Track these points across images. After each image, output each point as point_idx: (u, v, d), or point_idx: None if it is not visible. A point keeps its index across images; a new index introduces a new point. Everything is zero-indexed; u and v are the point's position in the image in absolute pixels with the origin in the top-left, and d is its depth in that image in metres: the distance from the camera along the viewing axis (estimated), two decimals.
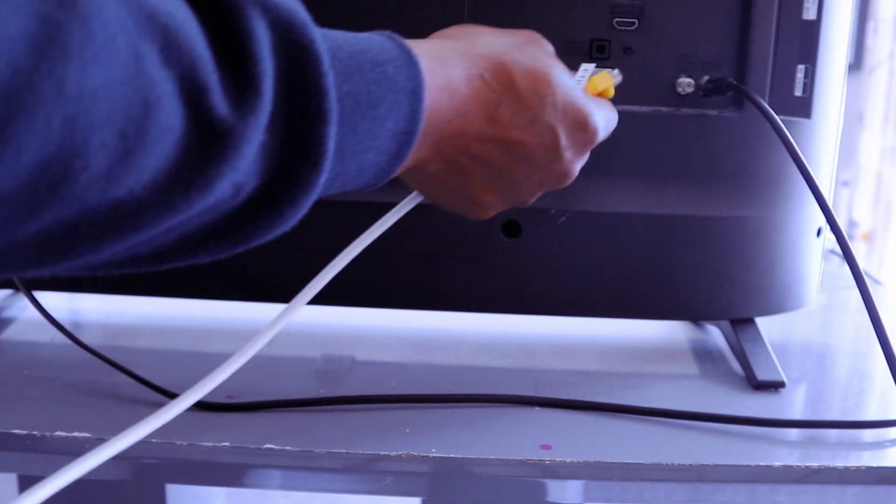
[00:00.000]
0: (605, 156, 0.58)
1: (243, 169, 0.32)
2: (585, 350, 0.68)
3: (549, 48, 0.47)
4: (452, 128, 0.42)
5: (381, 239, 0.60)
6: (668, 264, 0.60)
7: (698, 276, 0.61)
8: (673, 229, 0.60)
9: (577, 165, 0.48)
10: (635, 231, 0.60)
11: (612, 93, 0.51)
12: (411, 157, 0.41)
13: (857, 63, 3.26)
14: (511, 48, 0.44)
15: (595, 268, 0.61)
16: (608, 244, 0.60)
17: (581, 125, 0.45)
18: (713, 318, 0.67)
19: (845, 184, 3.15)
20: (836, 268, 0.96)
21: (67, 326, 0.58)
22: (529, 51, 0.45)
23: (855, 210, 3.16)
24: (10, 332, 0.67)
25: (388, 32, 0.41)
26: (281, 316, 0.43)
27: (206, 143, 0.30)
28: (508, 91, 0.43)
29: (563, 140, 0.45)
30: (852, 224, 3.14)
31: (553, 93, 0.44)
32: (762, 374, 0.59)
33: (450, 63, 0.42)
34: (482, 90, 0.42)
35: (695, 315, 0.66)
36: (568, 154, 0.46)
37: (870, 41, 3.15)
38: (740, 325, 0.64)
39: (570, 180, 0.48)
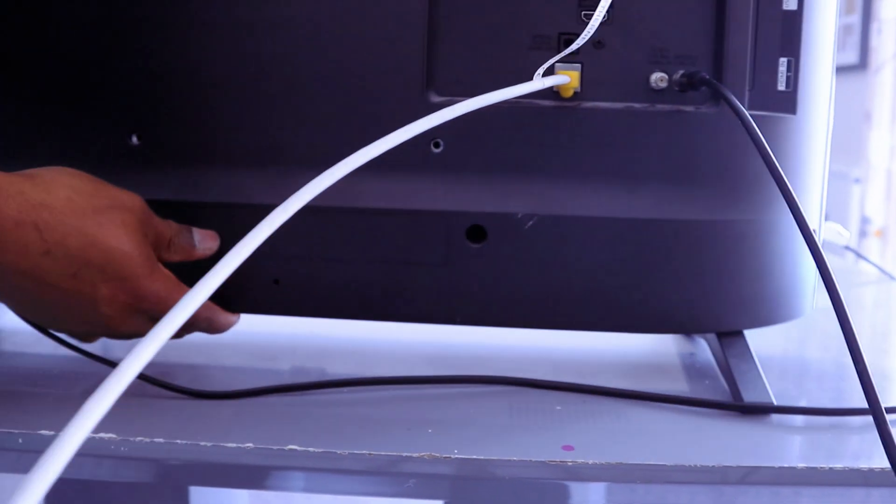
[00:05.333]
0: (576, 155, 0.55)
1: None
2: (566, 364, 0.64)
3: (134, 215, 0.52)
4: None
5: (338, 246, 0.57)
6: (646, 273, 0.56)
7: (679, 285, 0.57)
8: (650, 235, 0.56)
9: (129, 319, 0.53)
10: (609, 237, 0.56)
11: (568, 93, 0.53)
12: None
13: (862, 63, 3.31)
14: (82, 210, 0.49)
15: (567, 277, 0.56)
16: (581, 251, 0.56)
17: (129, 290, 0.51)
18: (696, 331, 0.62)
19: (857, 181, 3.16)
20: (851, 264, 0.96)
21: None
22: (98, 218, 0.50)
23: (867, 206, 3.17)
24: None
25: None
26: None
27: None
28: (59, 245, 0.48)
29: (104, 296, 0.51)
30: (865, 220, 3.14)
31: (103, 260, 0.50)
32: (749, 395, 0.55)
33: (8, 201, 0.46)
34: (30, 235, 0.47)
35: (676, 328, 0.60)
36: (109, 309, 0.52)
37: (874, 41, 3.18)
38: (727, 338, 0.59)
39: (121, 328, 0.54)
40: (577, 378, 0.59)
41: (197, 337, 0.59)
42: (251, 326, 0.69)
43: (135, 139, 0.58)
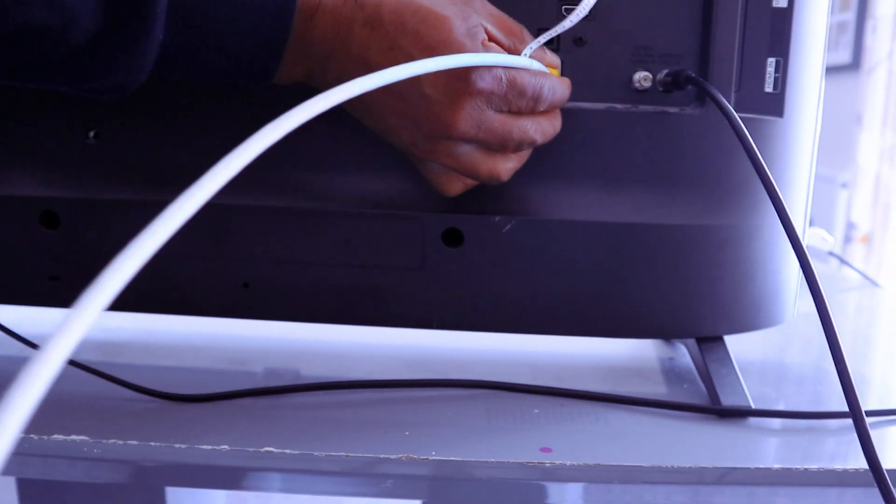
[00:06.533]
0: (555, 158, 0.54)
1: None
2: (545, 368, 0.63)
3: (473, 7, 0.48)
4: (329, 34, 0.46)
5: (311, 250, 0.56)
6: (626, 278, 0.55)
7: (659, 291, 0.56)
8: (631, 239, 0.55)
9: (458, 113, 0.47)
10: (589, 241, 0.54)
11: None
12: (294, 62, 0.46)
13: (855, 63, 3.25)
14: None
15: (545, 282, 0.55)
16: (559, 256, 0.55)
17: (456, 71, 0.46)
18: (676, 336, 0.61)
19: (844, 185, 3.15)
20: (834, 270, 0.96)
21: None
22: None
23: (853, 212, 3.16)
24: None
25: None
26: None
27: None
28: (376, 13, 0.46)
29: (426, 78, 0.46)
30: (851, 226, 3.13)
31: (417, 23, 0.45)
32: (727, 399, 0.54)
33: None
34: (350, 9, 0.46)
35: (656, 333, 0.59)
36: (432, 90, 0.46)
37: (868, 40, 3.13)
38: (707, 343, 0.59)
39: (452, 129, 0.47)
40: (556, 382, 0.59)
41: (168, 338, 0.59)
42: (221, 330, 0.69)
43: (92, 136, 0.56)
